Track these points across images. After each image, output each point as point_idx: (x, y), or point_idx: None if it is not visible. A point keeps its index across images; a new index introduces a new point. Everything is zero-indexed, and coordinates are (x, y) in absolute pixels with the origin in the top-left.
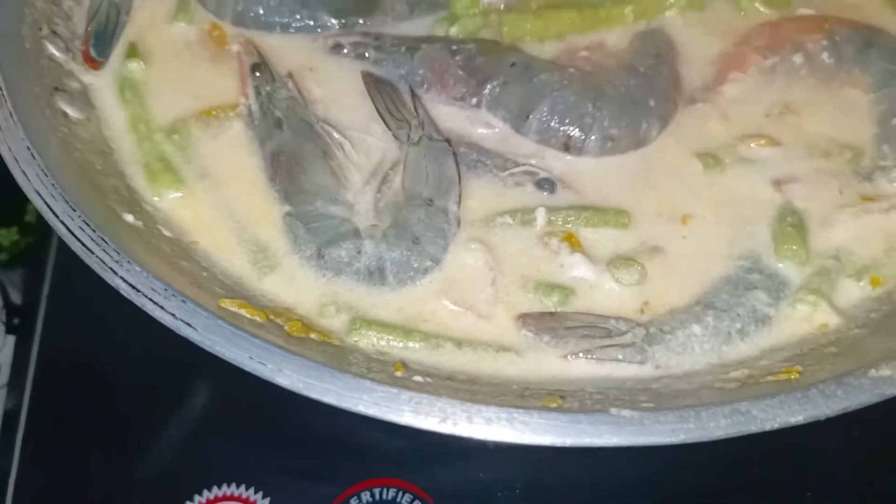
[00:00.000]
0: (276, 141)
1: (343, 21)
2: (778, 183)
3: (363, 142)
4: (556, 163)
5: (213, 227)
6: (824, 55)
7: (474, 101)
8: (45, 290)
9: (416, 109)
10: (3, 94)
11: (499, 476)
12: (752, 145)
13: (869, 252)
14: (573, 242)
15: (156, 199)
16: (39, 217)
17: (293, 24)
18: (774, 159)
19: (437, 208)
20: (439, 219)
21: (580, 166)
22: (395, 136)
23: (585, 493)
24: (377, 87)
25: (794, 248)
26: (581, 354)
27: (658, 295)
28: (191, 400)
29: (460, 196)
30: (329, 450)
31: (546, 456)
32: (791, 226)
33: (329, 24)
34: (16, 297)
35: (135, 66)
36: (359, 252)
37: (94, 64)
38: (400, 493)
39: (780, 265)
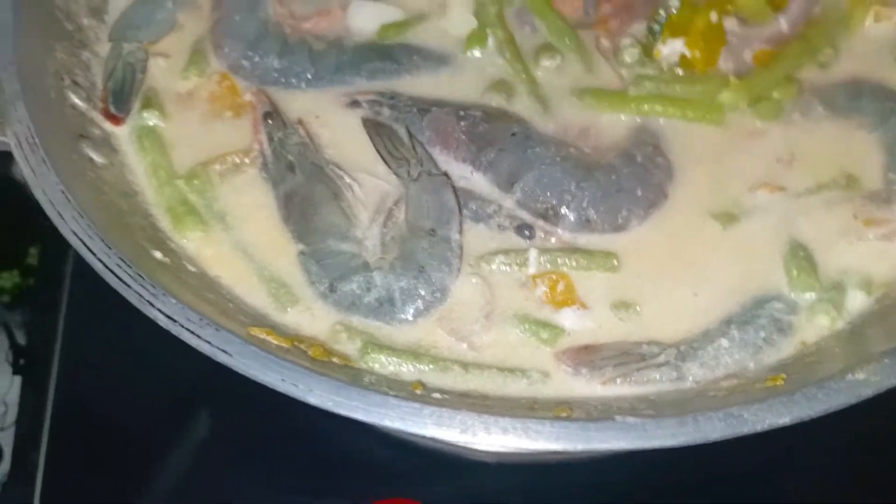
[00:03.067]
0: (289, 184)
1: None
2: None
3: (368, 181)
4: None
5: (234, 264)
6: (819, 108)
7: (471, 168)
8: (60, 331)
9: (413, 148)
10: (34, 141)
11: (501, 489)
12: (759, 192)
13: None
14: (567, 289)
15: (183, 241)
16: (42, 260)
17: (315, 81)
18: (781, 200)
19: (439, 238)
20: (442, 247)
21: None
22: (396, 174)
23: None
24: (376, 130)
25: (808, 280)
26: (618, 380)
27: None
28: (199, 431)
29: (461, 225)
30: (334, 470)
31: (546, 469)
32: (804, 259)
33: (351, 81)
34: (20, 339)
35: (150, 116)
36: (369, 283)
37: (116, 120)
38: None
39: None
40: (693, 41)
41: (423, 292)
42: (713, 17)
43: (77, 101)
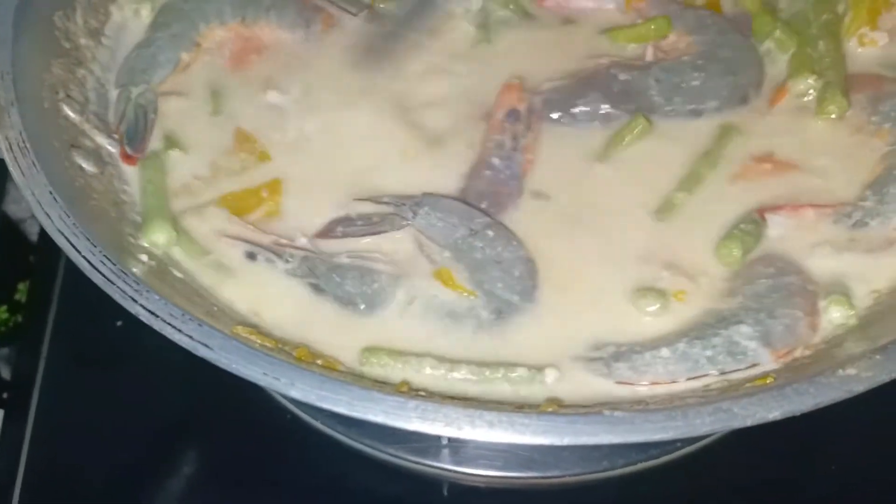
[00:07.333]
0: (330, 294)
1: None
2: (761, 210)
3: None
4: None
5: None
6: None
7: None
8: (41, 367)
9: (383, 202)
10: (26, 146)
11: None
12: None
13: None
14: None
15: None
16: (30, 297)
17: None
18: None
19: (480, 230)
20: (492, 233)
21: None
22: (400, 228)
23: None
24: (344, 225)
25: (732, 250)
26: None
27: None
28: (182, 472)
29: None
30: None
31: (537, 494)
32: (746, 233)
33: None
34: (5, 373)
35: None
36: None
37: (131, 160)
38: None
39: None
40: None
41: (514, 276)
42: None
43: (70, 113)
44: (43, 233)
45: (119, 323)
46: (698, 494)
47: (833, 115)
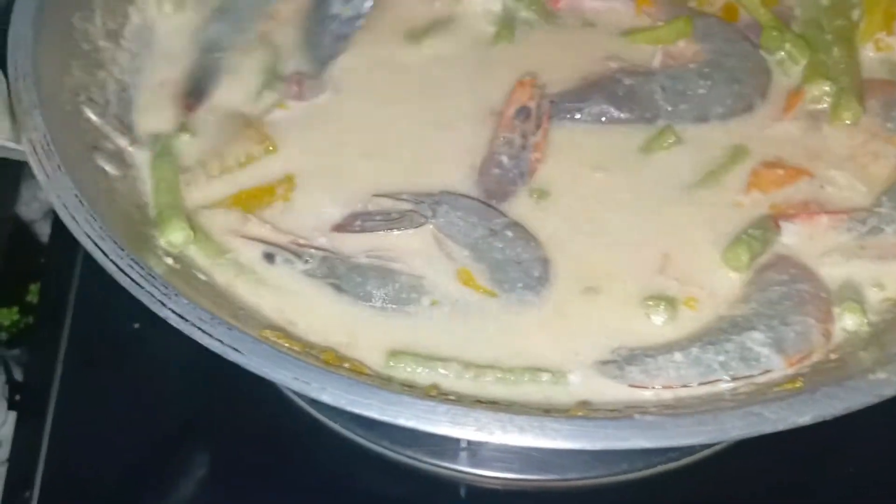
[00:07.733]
0: (351, 294)
1: None
2: (775, 218)
3: (400, 241)
4: None
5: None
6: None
7: None
8: (59, 370)
9: (401, 199)
10: (51, 149)
11: None
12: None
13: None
14: None
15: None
16: (41, 298)
17: None
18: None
19: (499, 229)
20: (510, 233)
21: None
22: (419, 225)
23: None
24: (363, 220)
25: (740, 255)
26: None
27: None
28: (197, 470)
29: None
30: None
31: (555, 496)
32: (754, 238)
33: None
34: (17, 375)
35: (184, 139)
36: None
37: (190, 106)
38: None
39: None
40: None
41: (534, 276)
42: None
43: (92, 115)
44: (55, 234)
45: (136, 325)
46: (719, 497)
47: (847, 122)
